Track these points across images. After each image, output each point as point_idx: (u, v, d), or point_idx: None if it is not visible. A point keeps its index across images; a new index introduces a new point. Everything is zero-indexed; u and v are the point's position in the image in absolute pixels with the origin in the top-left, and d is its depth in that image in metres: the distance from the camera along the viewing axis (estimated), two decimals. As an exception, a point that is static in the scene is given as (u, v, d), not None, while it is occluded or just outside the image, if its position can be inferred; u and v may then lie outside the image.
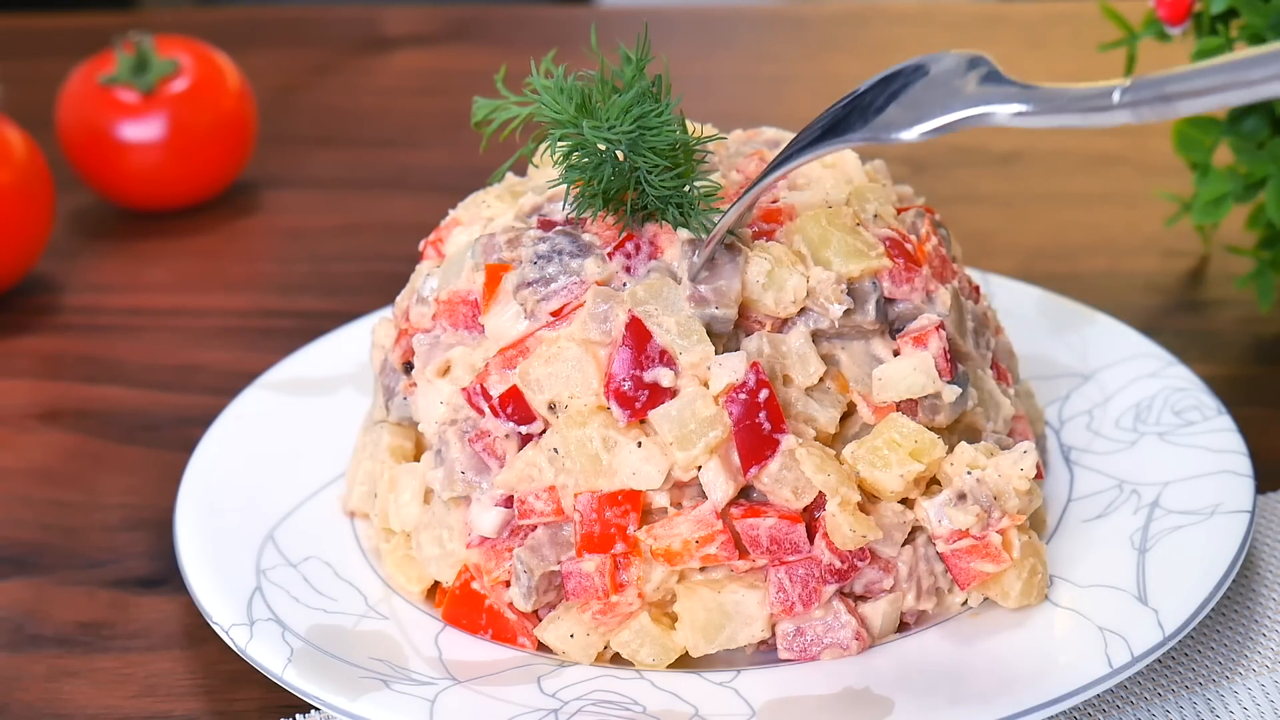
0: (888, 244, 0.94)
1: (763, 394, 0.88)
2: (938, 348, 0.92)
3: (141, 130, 1.48)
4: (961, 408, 0.93)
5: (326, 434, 1.09)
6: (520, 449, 0.91)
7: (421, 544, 0.95)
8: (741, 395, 0.88)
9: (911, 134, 0.81)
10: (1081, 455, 1.03)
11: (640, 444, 0.88)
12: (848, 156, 1.00)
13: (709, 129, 0.98)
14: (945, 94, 0.82)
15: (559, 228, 0.94)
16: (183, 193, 1.53)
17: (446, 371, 0.95)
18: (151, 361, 1.30)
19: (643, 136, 0.90)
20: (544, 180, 0.99)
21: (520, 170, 1.05)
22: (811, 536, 0.88)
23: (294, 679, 0.87)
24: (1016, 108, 0.79)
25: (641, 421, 0.89)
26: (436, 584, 0.95)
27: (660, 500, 0.89)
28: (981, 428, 0.95)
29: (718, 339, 0.90)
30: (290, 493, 1.04)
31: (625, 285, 0.91)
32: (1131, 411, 1.05)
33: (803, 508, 0.88)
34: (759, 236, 0.93)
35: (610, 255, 0.92)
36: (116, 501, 1.12)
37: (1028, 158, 1.57)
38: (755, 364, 0.88)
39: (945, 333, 0.93)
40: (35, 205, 1.37)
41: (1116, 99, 0.76)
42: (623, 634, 0.90)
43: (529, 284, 0.92)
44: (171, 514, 1.04)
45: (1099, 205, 1.47)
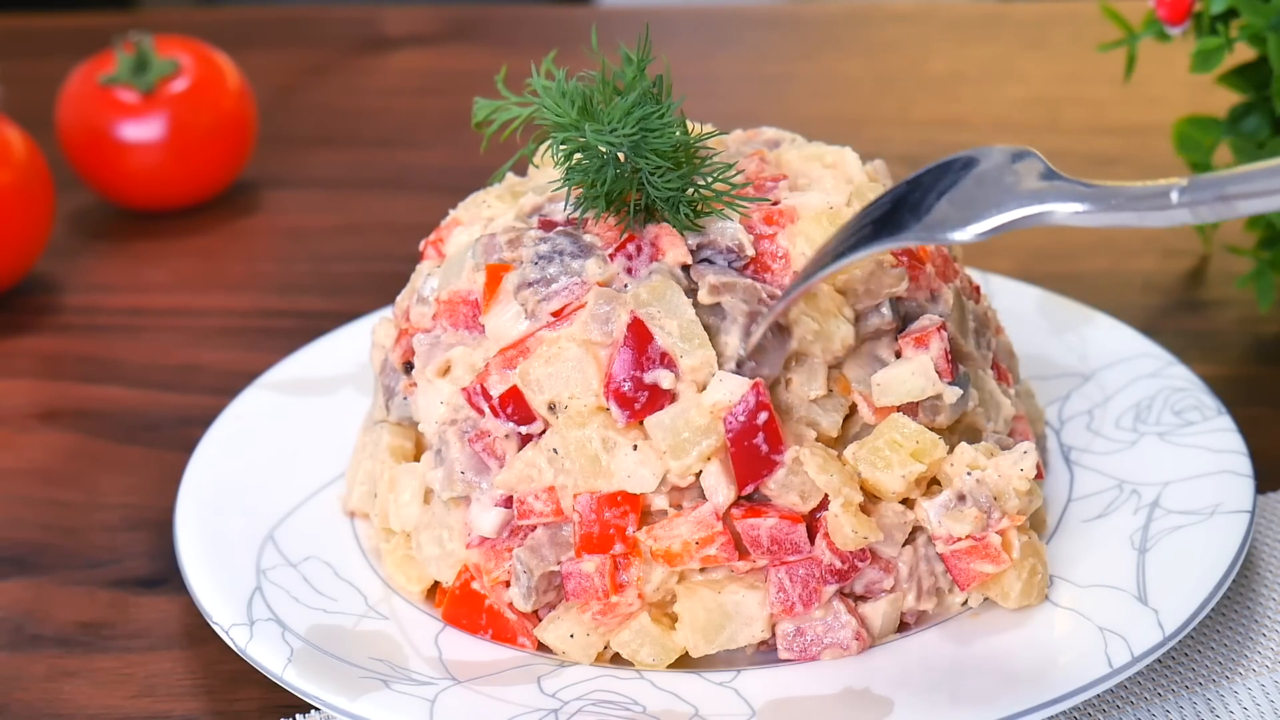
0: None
1: (761, 416, 0.87)
2: (939, 349, 0.92)
3: (141, 130, 1.48)
4: (962, 408, 0.93)
5: (326, 434, 1.09)
6: (520, 449, 0.91)
7: (421, 544, 0.95)
8: (740, 416, 0.87)
9: (966, 234, 0.80)
10: (1081, 455, 1.03)
11: (636, 447, 0.88)
12: (848, 156, 1.00)
13: (709, 129, 0.98)
14: (999, 191, 0.81)
15: (560, 228, 0.94)
16: (183, 193, 1.53)
17: (446, 371, 0.95)
18: (151, 361, 1.30)
19: (645, 138, 0.90)
20: (544, 180, 0.99)
21: (521, 170, 1.05)
22: (812, 537, 0.88)
23: (294, 679, 0.87)
24: (1074, 207, 0.78)
25: (640, 423, 0.89)
26: (436, 584, 0.95)
27: (659, 502, 0.89)
28: (982, 428, 0.95)
29: None
30: (290, 493, 1.04)
31: (626, 286, 0.91)
32: (1131, 411, 1.05)
33: (809, 511, 0.88)
34: (761, 239, 0.92)
35: (611, 256, 0.92)
36: (116, 501, 1.13)
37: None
38: (757, 384, 0.88)
39: (947, 333, 0.93)
40: (35, 205, 1.37)
41: (1175, 199, 0.74)
42: (623, 634, 0.90)
43: (530, 284, 0.92)
44: (171, 514, 1.04)
45: (1099, 205, 1.47)
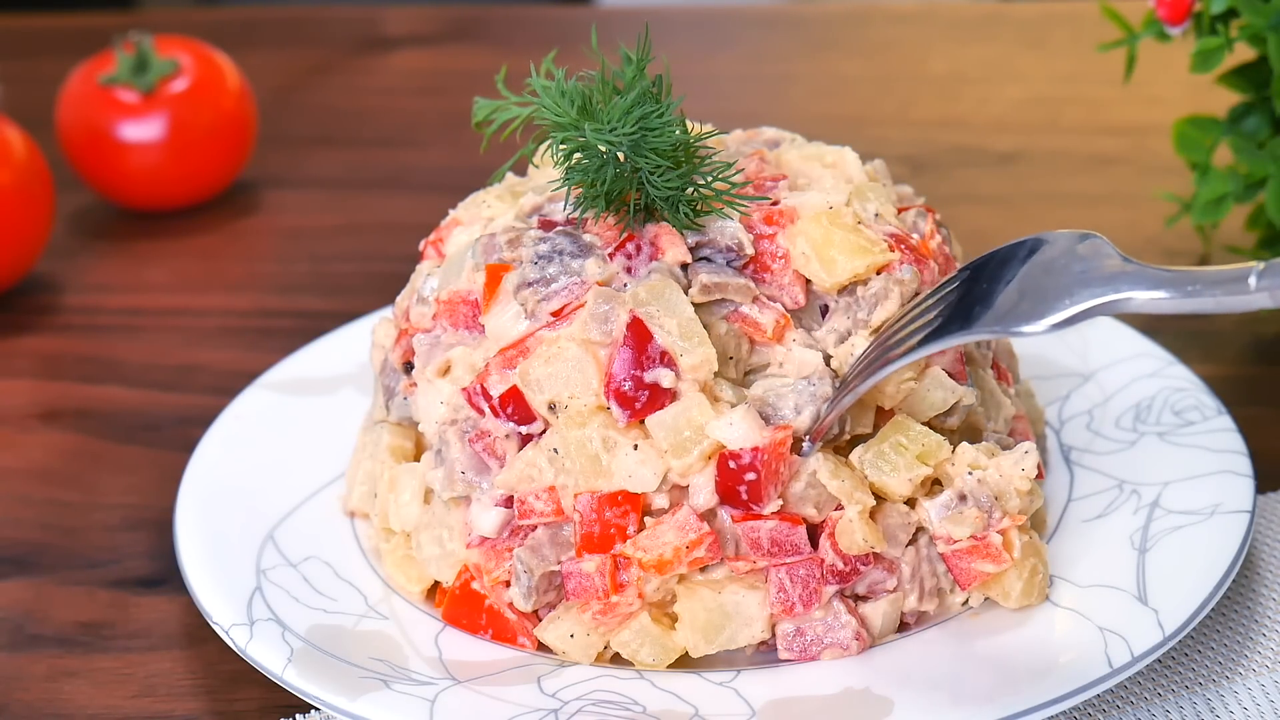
0: (891, 239, 0.94)
1: (749, 476, 0.87)
2: (953, 352, 0.92)
3: (141, 130, 1.48)
4: (969, 409, 0.93)
5: (326, 434, 1.09)
6: (520, 449, 0.91)
7: (421, 544, 0.95)
8: (730, 463, 0.87)
9: (1040, 326, 0.78)
10: (1081, 455, 1.03)
11: (636, 446, 0.88)
12: (848, 156, 1.00)
13: (708, 129, 0.97)
14: (1070, 279, 0.79)
15: (560, 228, 0.94)
16: (183, 193, 1.53)
17: (447, 371, 0.95)
18: (151, 361, 1.30)
19: (644, 138, 0.90)
20: (544, 180, 0.99)
21: (520, 170, 1.05)
22: (815, 537, 0.88)
23: (294, 679, 0.87)
24: (1152, 295, 0.77)
25: (641, 423, 0.89)
26: (436, 584, 0.95)
27: (660, 501, 0.89)
28: (982, 428, 0.95)
29: None
30: (290, 493, 1.04)
31: (626, 286, 0.91)
32: (1131, 411, 1.05)
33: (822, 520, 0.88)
34: (761, 239, 0.92)
35: (611, 256, 0.92)
36: (116, 501, 1.13)
37: (1028, 158, 1.57)
38: (757, 450, 0.87)
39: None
40: (35, 205, 1.37)
41: (1253, 284, 0.74)
42: (623, 634, 0.90)
43: (529, 284, 0.92)
44: (171, 514, 1.04)
45: (1099, 205, 1.47)
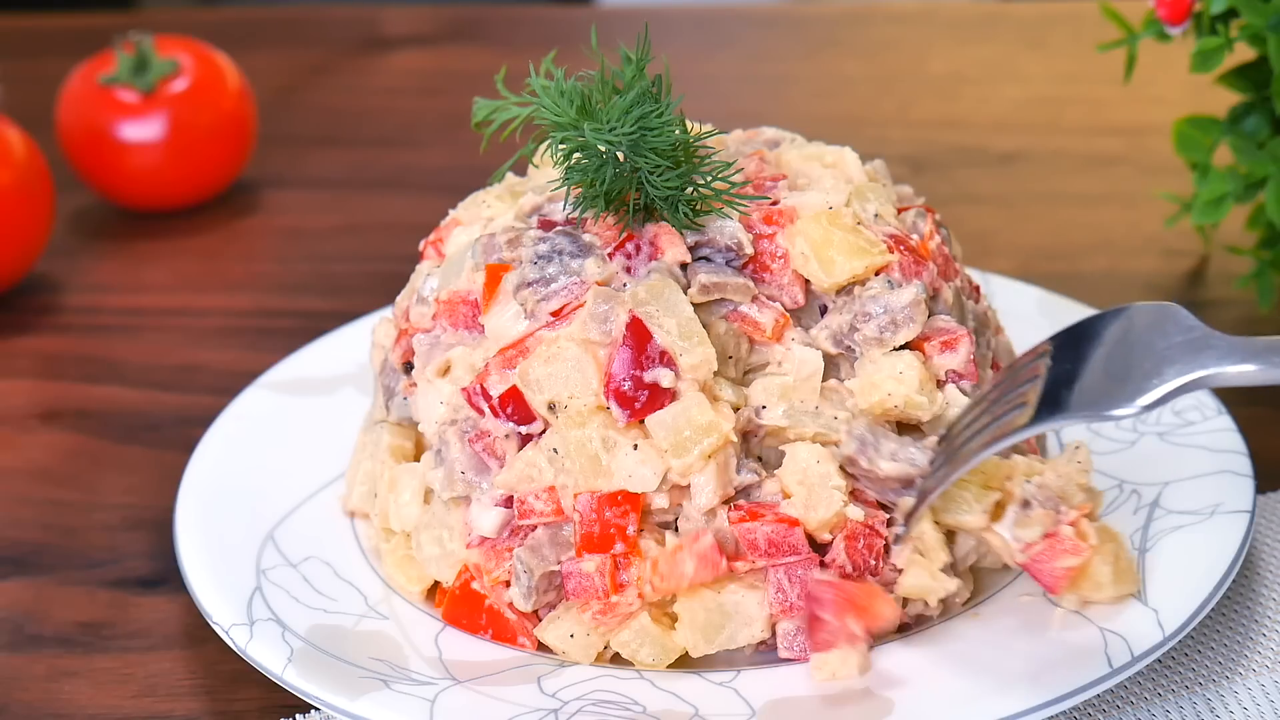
0: (890, 240, 0.94)
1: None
2: (966, 352, 0.92)
3: (141, 130, 1.48)
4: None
5: (326, 434, 1.09)
6: (520, 449, 0.91)
7: (421, 544, 0.95)
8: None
9: (1134, 409, 0.78)
10: (1081, 455, 1.02)
11: (636, 446, 0.88)
12: (848, 156, 1.00)
13: (708, 129, 0.97)
14: (1155, 359, 0.78)
15: (559, 228, 0.94)
16: (183, 193, 1.53)
17: (446, 371, 0.95)
18: (151, 361, 1.31)
19: (644, 137, 0.90)
20: (544, 180, 0.99)
21: (520, 170, 1.05)
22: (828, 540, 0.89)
23: (294, 679, 0.87)
24: (1242, 369, 0.76)
25: (641, 422, 0.89)
26: (436, 584, 0.95)
27: (660, 501, 0.89)
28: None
29: None
30: (290, 493, 1.04)
31: (625, 286, 0.91)
32: (1131, 411, 1.05)
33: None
34: (760, 239, 0.92)
35: (610, 255, 0.92)
36: (116, 501, 1.13)
37: (1028, 158, 1.57)
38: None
39: (972, 338, 0.93)
40: (35, 205, 1.37)
41: None
42: (623, 634, 0.90)
43: (529, 284, 0.92)
44: (171, 514, 1.04)
45: (1099, 205, 1.47)
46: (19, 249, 1.37)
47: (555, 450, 0.89)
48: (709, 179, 0.92)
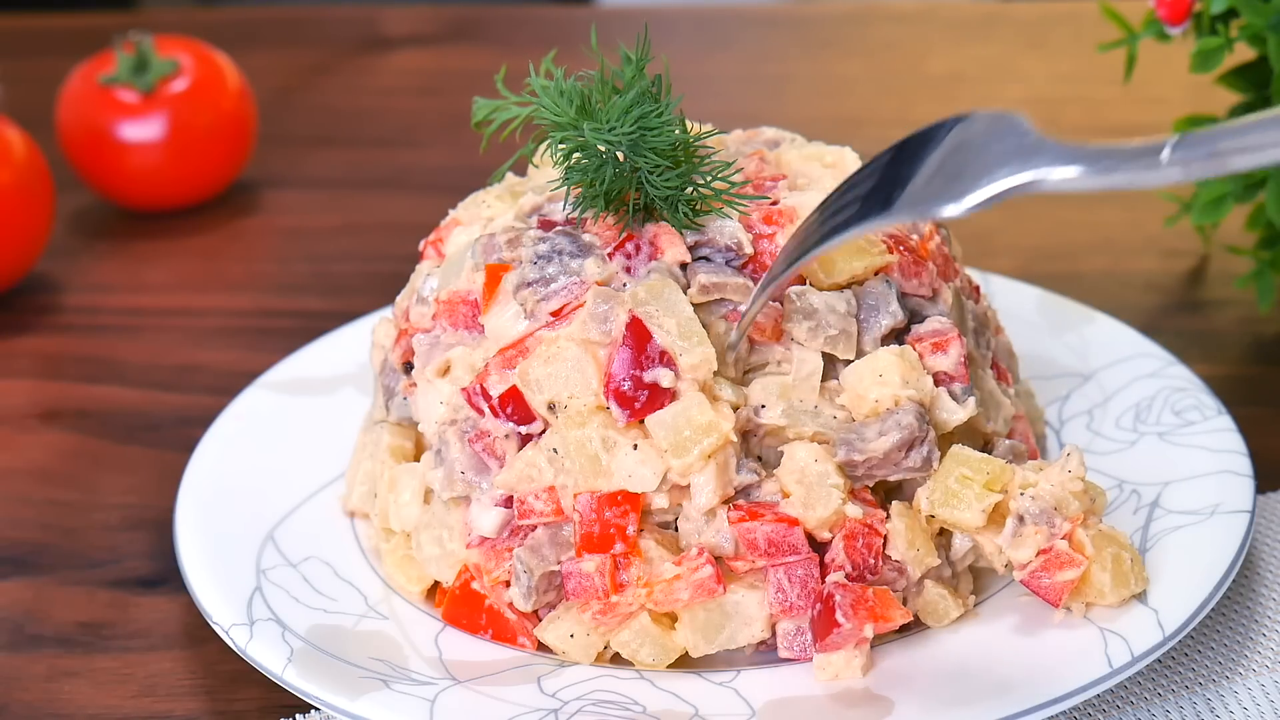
0: (890, 240, 0.94)
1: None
2: (957, 354, 0.92)
3: (141, 130, 1.48)
4: (971, 413, 0.93)
5: (326, 434, 1.09)
6: (520, 449, 0.91)
7: (421, 544, 0.95)
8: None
9: (959, 209, 0.77)
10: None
11: (636, 446, 0.88)
12: (847, 156, 1.00)
13: (708, 129, 0.97)
14: (987, 160, 0.78)
15: (559, 228, 0.94)
16: (183, 193, 1.53)
17: (446, 371, 0.95)
18: (151, 361, 1.31)
19: (643, 137, 0.90)
20: (544, 180, 0.99)
21: (520, 170, 1.05)
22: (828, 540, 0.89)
23: (294, 679, 0.87)
24: (1066, 173, 0.76)
25: (641, 422, 0.89)
26: (436, 584, 0.95)
27: (660, 501, 0.89)
28: (982, 428, 0.95)
29: None
30: (290, 493, 1.04)
31: (625, 285, 0.91)
32: (1131, 411, 1.05)
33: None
34: (760, 239, 0.92)
35: (610, 255, 0.92)
36: (116, 501, 1.13)
37: (1028, 158, 1.57)
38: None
39: (965, 340, 0.93)
40: (35, 205, 1.37)
41: (1166, 157, 0.73)
42: (623, 634, 0.90)
43: (529, 284, 0.92)
44: (171, 514, 1.04)
45: (1099, 205, 1.47)
46: (19, 249, 1.37)
47: (555, 450, 0.89)
48: (709, 179, 0.92)
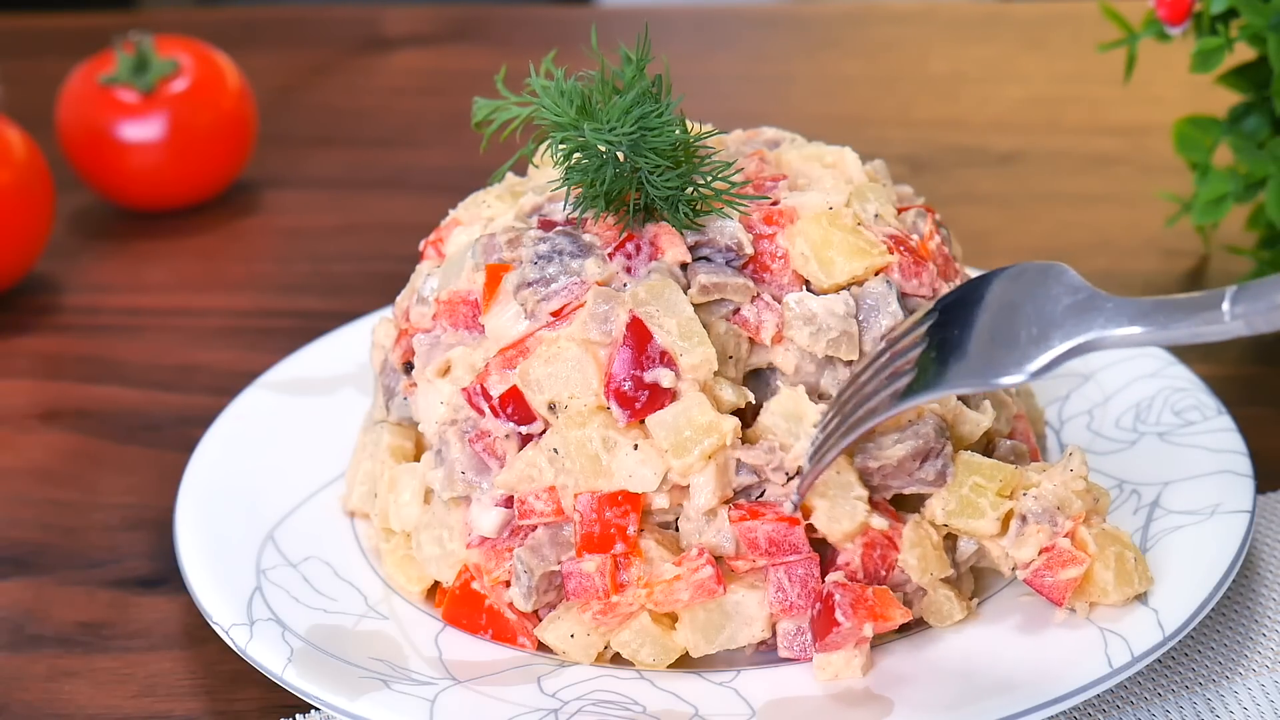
0: (890, 240, 0.94)
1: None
2: None
3: (141, 130, 1.48)
4: (991, 420, 0.92)
5: (326, 434, 1.09)
6: (520, 449, 0.91)
7: (421, 544, 0.95)
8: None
9: (1021, 376, 0.76)
10: (1081, 455, 1.02)
11: (637, 446, 0.88)
12: (848, 156, 1.00)
13: (708, 129, 0.97)
14: (1042, 323, 0.76)
15: (559, 228, 0.94)
16: (183, 193, 1.53)
17: (446, 371, 0.95)
18: (151, 361, 1.31)
19: (644, 137, 0.90)
20: (544, 180, 0.99)
21: (520, 170, 1.05)
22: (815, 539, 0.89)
23: (294, 679, 0.87)
24: (1128, 331, 0.75)
25: (641, 422, 0.89)
26: (436, 584, 0.95)
27: (660, 501, 0.89)
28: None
29: None
30: (290, 493, 1.04)
31: (626, 286, 0.91)
32: (1131, 411, 1.05)
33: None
34: (760, 239, 0.92)
35: (611, 255, 0.92)
36: (116, 501, 1.13)
37: (1028, 158, 1.57)
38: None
39: None
40: (35, 205, 1.37)
41: (1227, 313, 0.72)
42: (623, 634, 0.90)
43: (529, 284, 0.92)
44: (171, 514, 1.04)
45: (1099, 205, 1.47)
46: (19, 249, 1.37)
47: (555, 450, 0.89)
48: (709, 179, 0.92)
